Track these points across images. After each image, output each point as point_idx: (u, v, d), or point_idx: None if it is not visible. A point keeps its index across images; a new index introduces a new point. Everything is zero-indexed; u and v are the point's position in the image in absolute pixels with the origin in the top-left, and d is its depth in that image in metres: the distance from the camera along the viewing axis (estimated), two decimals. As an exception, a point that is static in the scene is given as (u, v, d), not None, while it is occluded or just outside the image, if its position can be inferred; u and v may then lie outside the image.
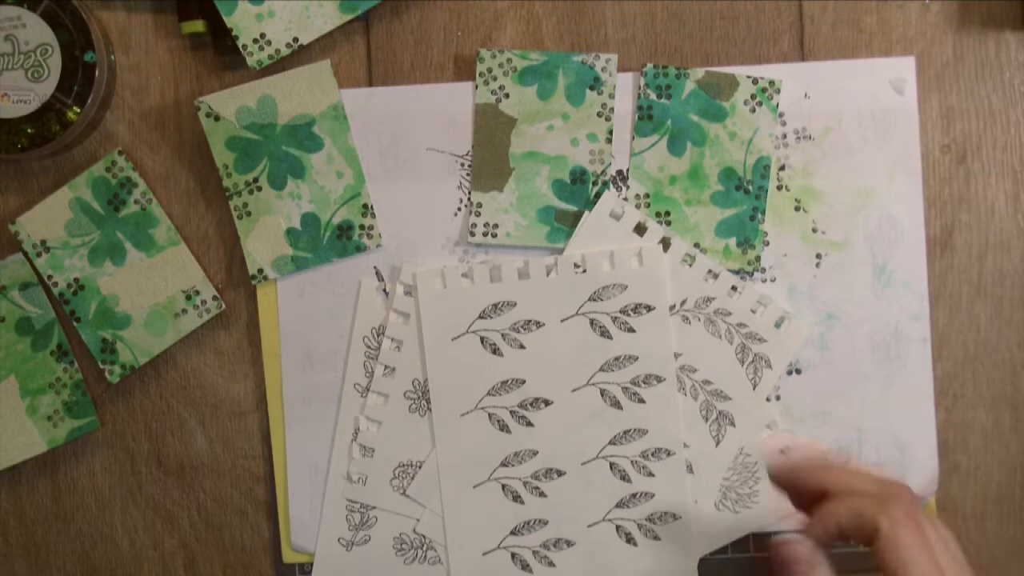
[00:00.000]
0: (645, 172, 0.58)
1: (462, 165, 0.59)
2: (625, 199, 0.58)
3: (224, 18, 0.57)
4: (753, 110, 0.57)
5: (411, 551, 0.59)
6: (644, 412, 0.57)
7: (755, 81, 0.57)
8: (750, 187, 0.57)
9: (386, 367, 0.59)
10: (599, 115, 0.57)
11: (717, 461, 0.58)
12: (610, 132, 0.57)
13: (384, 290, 0.59)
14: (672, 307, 0.58)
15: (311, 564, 0.60)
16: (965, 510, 0.59)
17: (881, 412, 0.58)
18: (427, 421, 0.59)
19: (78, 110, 0.57)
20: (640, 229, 0.58)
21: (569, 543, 0.58)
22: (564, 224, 0.58)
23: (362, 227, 0.59)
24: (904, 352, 0.58)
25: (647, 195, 0.58)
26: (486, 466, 0.58)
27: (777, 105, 0.57)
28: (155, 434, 0.61)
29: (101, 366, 0.59)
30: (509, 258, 0.58)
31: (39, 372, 0.60)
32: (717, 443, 0.58)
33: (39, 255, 0.59)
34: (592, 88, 0.57)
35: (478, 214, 0.58)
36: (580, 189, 0.58)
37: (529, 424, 0.58)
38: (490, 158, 0.58)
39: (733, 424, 0.58)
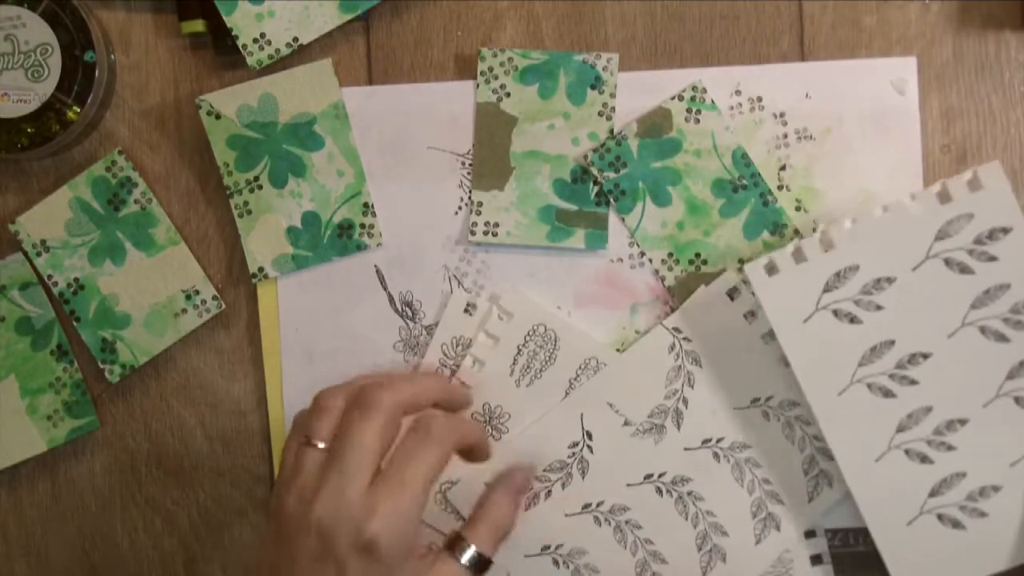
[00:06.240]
0: (653, 238, 0.58)
1: (463, 164, 0.59)
2: (656, 270, 0.58)
3: (224, 18, 0.57)
4: (697, 121, 0.57)
5: None
6: None
7: (680, 97, 0.57)
8: (744, 181, 0.57)
9: (463, 384, 0.58)
10: (600, 114, 0.57)
11: (753, 559, 0.57)
12: (611, 131, 0.57)
13: (469, 307, 0.59)
14: (756, 400, 0.57)
15: (311, 564, 0.60)
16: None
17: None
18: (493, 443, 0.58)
19: (78, 110, 0.57)
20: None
21: (995, 488, 0.54)
22: (565, 223, 0.58)
23: (363, 226, 0.59)
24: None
25: (671, 255, 0.58)
26: (882, 437, 0.54)
27: (713, 102, 0.57)
28: (155, 434, 0.61)
29: (101, 366, 0.59)
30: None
31: (39, 372, 0.60)
32: (757, 542, 0.57)
33: (39, 255, 0.59)
34: (593, 87, 0.57)
35: (479, 213, 0.58)
36: (581, 188, 0.58)
37: (913, 383, 0.54)
38: (491, 157, 0.58)
39: (778, 529, 0.57)
